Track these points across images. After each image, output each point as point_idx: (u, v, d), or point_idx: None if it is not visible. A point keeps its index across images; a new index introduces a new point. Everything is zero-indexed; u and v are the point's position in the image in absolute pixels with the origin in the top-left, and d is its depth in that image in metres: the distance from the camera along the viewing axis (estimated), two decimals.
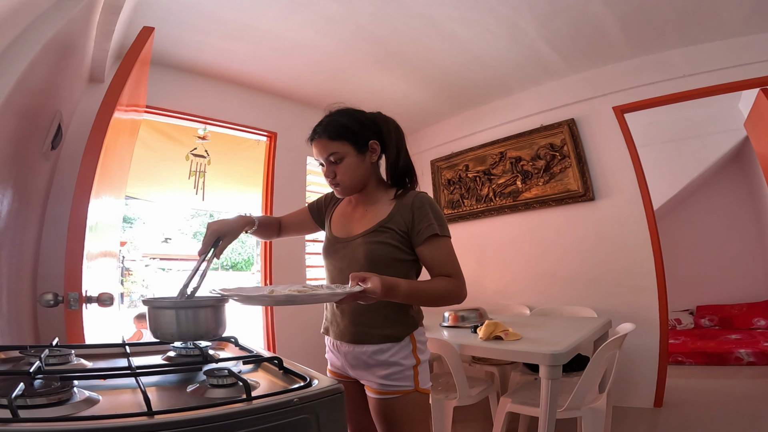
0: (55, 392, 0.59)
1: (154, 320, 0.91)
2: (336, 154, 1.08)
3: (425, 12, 2.11)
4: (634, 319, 2.17)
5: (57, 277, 1.45)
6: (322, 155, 1.10)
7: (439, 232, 1.04)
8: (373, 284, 0.87)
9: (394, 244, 1.06)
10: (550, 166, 2.96)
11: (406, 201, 1.09)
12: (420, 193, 1.11)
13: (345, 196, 1.18)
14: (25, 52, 1.09)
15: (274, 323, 2.73)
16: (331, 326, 1.15)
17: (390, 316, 1.06)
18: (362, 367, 1.08)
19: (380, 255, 1.06)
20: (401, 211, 1.08)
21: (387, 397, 1.04)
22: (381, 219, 1.09)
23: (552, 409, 1.45)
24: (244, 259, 17.74)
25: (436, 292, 1.01)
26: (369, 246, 1.06)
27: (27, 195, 1.42)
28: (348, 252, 1.10)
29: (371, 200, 1.16)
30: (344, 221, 1.19)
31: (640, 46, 2.56)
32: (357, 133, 1.10)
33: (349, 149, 1.09)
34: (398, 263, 1.07)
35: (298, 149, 3.05)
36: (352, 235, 1.12)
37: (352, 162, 1.09)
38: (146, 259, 15.75)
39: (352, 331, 1.08)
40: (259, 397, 0.62)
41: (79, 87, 1.93)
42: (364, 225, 1.11)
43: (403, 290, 0.94)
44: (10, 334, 1.23)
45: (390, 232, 1.07)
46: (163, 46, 2.23)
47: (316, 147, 1.12)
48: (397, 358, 1.04)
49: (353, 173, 1.10)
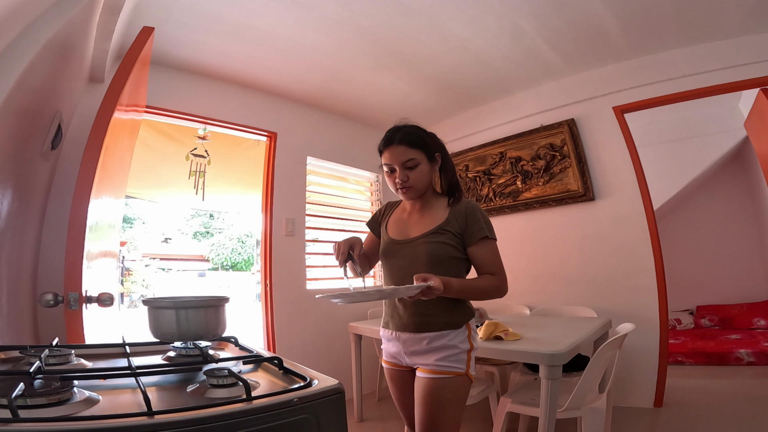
0: (55, 392, 0.59)
1: (154, 320, 0.91)
2: (413, 160, 1.23)
3: (425, 12, 2.11)
4: (634, 319, 2.17)
5: (57, 277, 1.45)
6: (400, 160, 1.24)
7: (488, 234, 1.23)
8: (435, 282, 1.05)
9: (452, 244, 1.23)
10: (550, 166, 2.96)
11: (459, 207, 1.26)
12: (471, 201, 1.30)
13: (412, 199, 1.31)
14: (25, 52, 1.09)
15: (274, 323, 2.72)
16: (391, 319, 1.29)
17: (448, 306, 1.21)
18: (420, 352, 1.22)
19: (440, 253, 1.22)
20: (456, 216, 1.25)
21: (439, 377, 1.16)
22: (439, 222, 1.25)
23: (552, 409, 1.45)
24: (244, 259, 17.74)
25: (483, 287, 1.19)
26: (430, 245, 1.22)
27: (27, 195, 1.42)
28: (409, 252, 1.25)
29: (427, 206, 1.32)
30: (401, 226, 1.34)
31: (640, 46, 2.56)
32: (429, 144, 1.27)
33: (423, 157, 1.25)
34: (454, 261, 1.23)
35: (298, 149, 3.05)
36: (410, 237, 1.28)
37: (425, 169, 1.26)
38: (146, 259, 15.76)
39: (414, 321, 1.22)
40: (259, 397, 0.63)
41: (79, 87, 1.93)
42: (423, 228, 1.27)
43: (455, 287, 1.12)
44: (10, 334, 1.23)
45: (448, 233, 1.23)
46: (163, 46, 2.23)
47: (392, 152, 1.25)
48: (455, 342, 1.19)
49: (424, 179, 1.26)
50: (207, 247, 18.10)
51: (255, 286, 12.73)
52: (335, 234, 3.30)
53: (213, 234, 18.67)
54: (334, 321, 3.03)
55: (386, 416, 2.71)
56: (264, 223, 2.86)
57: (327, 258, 3.27)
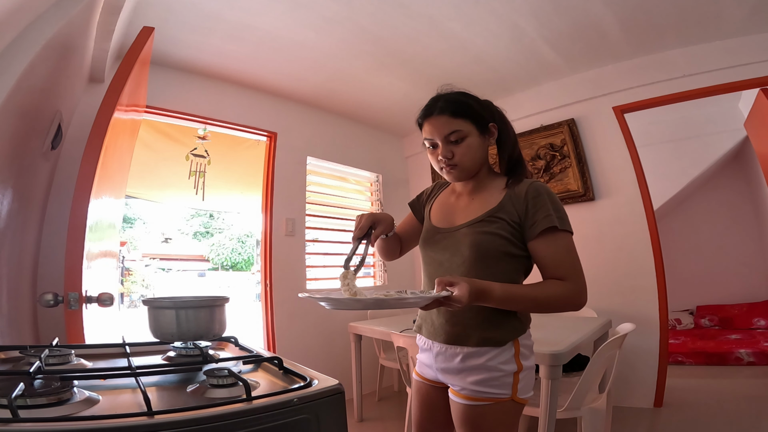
0: (55, 392, 0.59)
1: (154, 320, 0.91)
2: (458, 132, 0.98)
3: (425, 12, 2.11)
4: (634, 319, 2.17)
5: (57, 277, 1.45)
6: (442, 133, 0.99)
7: (558, 225, 0.91)
8: (459, 291, 0.79)
9: (505, 235, 0.95)
10: (550, 166, 2.96)
11: (519, 189, 0.97)
12: (536, 182, 0.99)
13: (459, 180, 1.06)
14: (25, 52, 1.09)
15: (274, 323, 2.72)
16: (424, 324, 1.06)
17: (490, 317, 0.94)
18: (452, 371, 0.98)
19: (488, 247, 0.95)
20: (514, 200, 0.96)
21: (477, 404, 0.92)
22: (491, 208, 0.98)
23: (552, 409, 1.45)
24: (244, 259, 17.74)
25: (544, 297, 0.88)
26: (476, 236, 0.96)
27: (27, 195, 1.42)
28: (450, 243, 1.01)
29: (480, 188, 1.06)
30: (446, 211, 1.09)
31: (640, 46, 2.56)
32: (479, 113, 1.01)
33: (472, 129, 0.99)
34: (507, 258, 0.96)
35: (298, 149, 3.05)
36: (455, 225, 1.03)
37: (474, 142, 1.00)
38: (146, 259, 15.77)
39: (448, 330, 0.98)
40: (259, 397, 0.63)
41: (79, 87, 1.93)
42: (470, 214, 1.01)
43: (497, 295, 0.84)
44: (10, 334, 1.23)
45: (501, 222, 0.95)
46: (163, 46, 2.23)
47: (433, 124, 1.00)
48: (495, 363, 0.92)
49: (474, 155, 1.00)
50: (207, 247, 18.11)
51: (255, 286, 12.73)
52: (335, 234, 3.30)
53: (213, 234, 18.67)
54: (334, 321, 3.03)
55: (386, 416, 2.71)
56: (264, 223, 2.86)
57: (327, 258, 3.28)
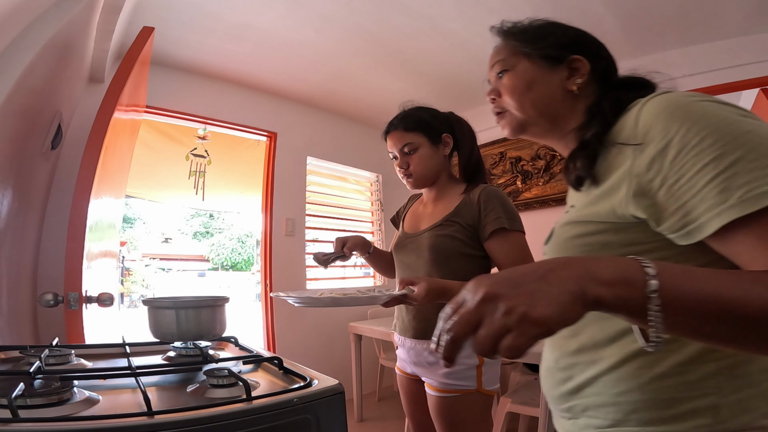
0: (55, 392, 0.59)
1: (154, 320, 0.91)
2: (410, 144, 1.11)
3: (425, 12, 2.11)
4: None
5: (57, 277, 1.45)
6: (397, 146, 1.13)
7: (507, 225, 1.01)
8: (418, 290, 0.87)
9: (460, 237, 1.05)
10: (550, 166, 2.96)
11: (473, 195, 1.07)
12: (489, 186, 1.08)
13: (417, 188, 1.18)
14: (25, 52, 1.09)
15: (274, 323, 2.73)
16: (398, 321, 1.16)
17: None
18: (423, 364, 1.07)
19: (445, 248, 1.05)
20: (468, 204, 1.06)
21: (447, 396, 1.02)
22: (448, 213, 1.09)
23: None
24: (244, 259, 17.74)
25: None
26: (434, 239, 1.06)
27: (27, 195, 1.42)
28: (415, 246, 1.12)
29: (441, 195, 1.16)
30: (415, 218, 1.22)
31: (640, 46, 2.55)
32: (431, 124, 1.13)
33: (423, 140, 1.11)
34: (464, 258, 1.05)
35: (298, 149, 3.05)
36: (419, 230, 1.14)
37: (426, 153, 1.12)
38: (146, 259, 15.78)
39: (415, 326, 1.08)
40: (259, 397, 0.63)
41: (79, 87, 1.93)
42: (432, 219, 1.12)
43: (455, 293, 0.90)
44: (10, 334, 1.23)
45: (456, 225, 1.05)
46: (163, 46, 2.23)
47: (391, 139, 1.14)
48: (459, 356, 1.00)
49: (426, 164, 1.12)
50: (207, 247, 18.13)
51: (255, 286, 12.73)
52: (335, 234, 3.29)
53: (213, 234, 18.69)
54: (334, 321, 3.03)
55: (386, 416, 2.71)
56: (264, 223, 2.86)
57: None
